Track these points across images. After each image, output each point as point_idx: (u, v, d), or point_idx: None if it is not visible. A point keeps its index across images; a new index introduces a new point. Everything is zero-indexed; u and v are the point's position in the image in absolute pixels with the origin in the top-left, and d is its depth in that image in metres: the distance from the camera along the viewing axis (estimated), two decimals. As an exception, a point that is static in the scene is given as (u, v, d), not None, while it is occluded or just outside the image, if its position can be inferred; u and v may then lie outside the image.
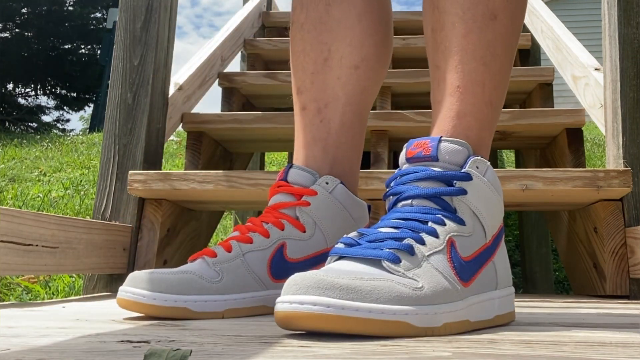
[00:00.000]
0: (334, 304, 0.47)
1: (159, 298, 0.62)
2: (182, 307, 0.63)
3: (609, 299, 1.05)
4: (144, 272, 0.65)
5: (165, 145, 1.41)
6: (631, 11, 1.17)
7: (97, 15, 14.45)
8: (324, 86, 0.78)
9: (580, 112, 1.43)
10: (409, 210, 0.58)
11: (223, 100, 1.90)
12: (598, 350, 0.45)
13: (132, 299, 0.63)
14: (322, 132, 0.77)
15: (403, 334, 0.50)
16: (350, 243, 0.56)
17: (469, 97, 0.64)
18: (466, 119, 0.64)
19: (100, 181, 1.22)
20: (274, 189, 0.75)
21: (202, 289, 0.65)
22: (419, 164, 0.61)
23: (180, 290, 0.63)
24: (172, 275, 0.65)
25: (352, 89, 0.79)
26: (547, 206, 1.31)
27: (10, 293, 1.47)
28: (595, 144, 4.12)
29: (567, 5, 7.75)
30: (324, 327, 0.48)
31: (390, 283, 0.50)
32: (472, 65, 0.65)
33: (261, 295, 0.69)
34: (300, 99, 0.80)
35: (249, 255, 0.69)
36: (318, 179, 0.74)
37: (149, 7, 1.31)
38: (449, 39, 0.66)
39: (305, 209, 0.72)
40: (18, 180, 3.27)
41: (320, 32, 0.79)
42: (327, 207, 0.73)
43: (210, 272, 0.66)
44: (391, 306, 0.49)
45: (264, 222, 0.72)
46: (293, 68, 0.81)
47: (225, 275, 0.67)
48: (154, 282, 0.63)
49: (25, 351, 0.42)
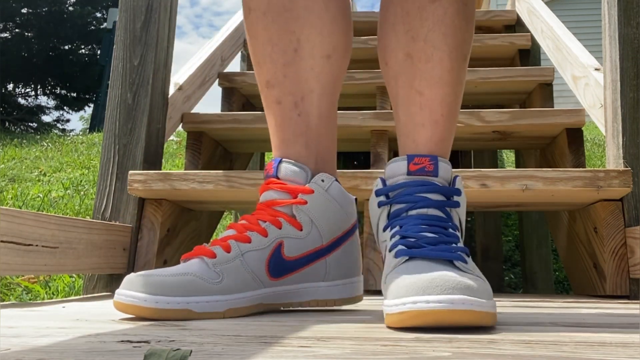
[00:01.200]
0: (474, 301, 0.54)
1: (161, 301, 0.62)
2: (184, 309, 0.63)
3: (609, 299, 1.05)
4: (140, 274, 0.64)
5: (165, 145, 1.41)
6: (631, 11, 1.17)
7: (97, 15, 14.45)
8: (297, 78, 0.76)
9: (580, 112, 1.43)
10: (429, 218, 0.66)
11: (223, 100, 1.90)
12: (598, 350, 0.45)
13: (131, 303, 0.62)
14: (301, 127, 0.77)
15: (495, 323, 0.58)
16: (410, 245, 0.64)
17: (448, 125, 0.74)
18: (446, 142, 0.74)
19: (100, 181, 1.22)
20: (265, 186, 0.75)
21: (204, 290, 0.65)
22: (422, 178, 0.69)
23: (182, 292, 0.63)
24: (172, 277, 0.64)
25: (325, 79, 0.78)
26: (547, 206, 1.31)
27: (10, 293, 1.47)
28: (595, 144, 4.11)
29: (567, 5, 7.75)
30: (460, 321, 0.54)
31: (482, 282, 0.58)
32: (452, 98, 0.74)
33: (259, 293, 0.69)
34: (272, 93, 0.77)
35: (248, 255, 0.69)
36: (312, 177, 0.74)
37: (149, 7, 1.31)
38: (436, 72, 0.73)
39: (302, 207, 0.73)
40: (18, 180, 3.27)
41: (287, 21, 0.76)
42: (324, 205, 0.74)
43: (210, 273, 0.66)
44: (493, 300, 0.58)
45: (261, 221, 0.72)
46: (258, 59, 0.78)
47: (226, 276, 0.67)
48: (153, 284, 0.63)
49: (25, 351, 0.42)
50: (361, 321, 0.64)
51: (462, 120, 1.44)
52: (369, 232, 1.17)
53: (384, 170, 0.74)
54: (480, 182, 1.10)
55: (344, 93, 1.90)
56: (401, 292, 0.56)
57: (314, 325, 0.59)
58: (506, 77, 1.77)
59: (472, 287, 0.55)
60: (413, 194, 0.68)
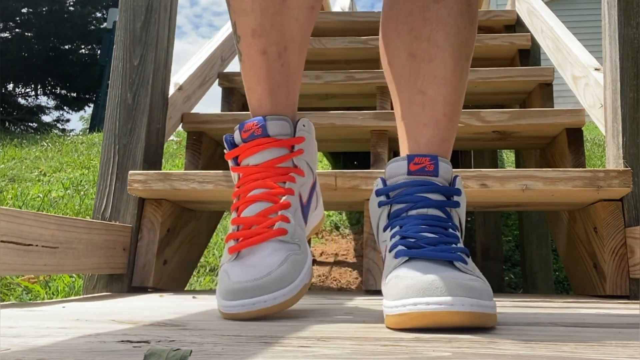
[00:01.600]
0: (474, 303, 0.54)
1: (291, 289, 0.65)
2: (303, 285, 0.68)
3: (609, 299, 1.05)
4: (240, 282, 0.63)
5: (165, 145, 1.41)
6: (631, 11, 1.17)
7: (97, 15, 14.45)
8: (282, 28, 0.75)
9: (580, 112, 1.43)
10: (429, 218, 0.66)
11: (223, 100, 1.90)
12: (598, 350, 0.45)
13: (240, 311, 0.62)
14: (283, 77, 0.77)
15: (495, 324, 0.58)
16: (410, 245, 0.64)
17: (450, 125, 0.74)
18: (448, 143, 0.75)
19: (100, 181, 1.22)
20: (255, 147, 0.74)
21: (301, 262, 0.69)
22: (422, 178, 0.69)
23: (295, 274, 0.67)
24: (279, 268, 0.65)
25: (306, 30, 0.78)
26: (547, 206, 1.31)
27: (10, 293, 1.47)
28: (595, 144, 4.12)
29: (567, 5, 7.75)
30: (461, 323, 0.54)
31: (482, 283, 0.58)
32: (455, 98, 0.74)
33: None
34: (258, 42, 0.75)
35: (297, 216, 0.73)
36: (295, 124, 0.76)
37: (148, 7, 1.31)
38: (439, 71, 0.73)
39: (300, 156, 0.76)
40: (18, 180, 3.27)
41: None
42: (311, 146, 0.79)
43: (293, 246, 0.69)
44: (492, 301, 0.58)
45: (280, 183, 0.73)
46: (245, 7, 0.76)
47: (300, 241, 0.71)
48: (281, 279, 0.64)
49: (25, 351, 0.42)
50: (361, 321, 0.65)
51: (462, 120, 1.44)
52: (369, 232, 1.17)
53: (384, 170, 0.75)
54: (480, 182, 1.10)
55: (344, 93, 1.91)
56: (401, 293, 0.57)
57: (314, 325, 0.59)
58: (506, 77, 1.77)
59: (473, 288, 0.55)
60: (413, 194, 0.68)
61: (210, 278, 2.13)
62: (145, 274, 1.16)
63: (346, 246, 2.68)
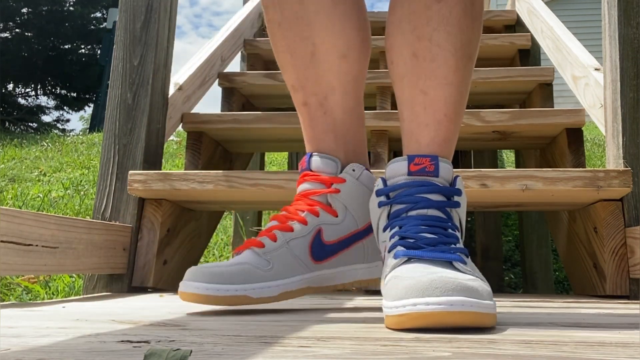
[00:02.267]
0: (473, 303, 0.54)
1: (221, 289, 0.69)
2: (243, 295, 0.70)
3: (609, 299, 1.05)
4: (201, 266, 0.72)
5: (165, 145, 1.41)
6: (631, 11, 1.17)
7: (97, 15, 14.45)
8: (318, 79, 0.81)
9: (580, 112, 1.43)
10: (429, 219, 0.66)
11: (223, 100, 1.90)
12: (598, 350, 0.45)
13: (195, 292, 0.69)
14: (328, 124, 0.82)
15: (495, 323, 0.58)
16: (409, 246, 0.64)
17: (452, 126, 0.74)
18: (450, 143, 0.74)
19: (100, 181, 1.22)
20: (300, 179, 0.82)
21: (258, 278, 0.72)
22: (422, 178, 0.69)
23: (239, 280, 0.70)
24: (230, 267, 0.71)
25: (345, 78, 0.82)
26: (547, 206, 1.31)
27: (10, 293, 1.47)
28: (595, 144, 4.11)
29: (567, 5, 7.75)
30: (461, 323, 0.54)
31: (480, 283, 0.58)
32: (457, 97, 0.74)
33: (307, 277, 0.77)
34: (298, 96, 0.83)
35: (292, 243, 0.76)
36: (343, 167, 0.80)
37: (148, 7, 1.31)
38: (440, 71, 0.73)
39: (336, 195, 0.79)
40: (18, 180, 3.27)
41: (301, 28, 0.81)
42: (356, 193, 0.80)
43: (261, 261, 0.73)
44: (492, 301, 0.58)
45: (300, 211, 0.78)
46: (282, 66, 0.84)
47: (275, 263, 0.74)
48: (214, 274, 0.70)
49: (25, 351, 0.42)
50: (361, 321, 0.65)
51: (462, 120, 1.44)
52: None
53: (384, 170, 0.75)
54: (480, 182, 1.10)
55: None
56: (400, 293, 0.57)
57: (314, 325, 0.59)
58: (506, 77, 1.77)
59: (472, 288, 0.55)
60: (413, 194, 0.68)
61: (210, 278, 2.12)
62: (145, 274, 1.16)
63: (346, 246, 2.68)
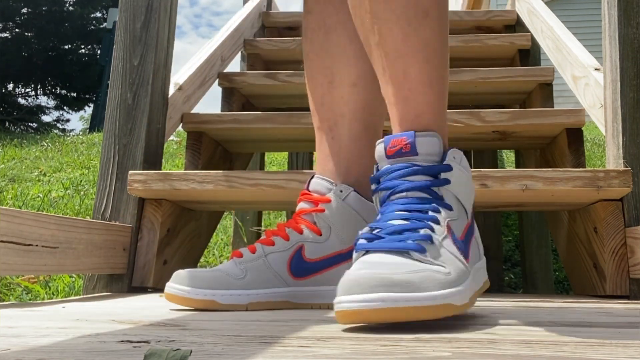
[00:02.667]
0: (397, 298, 0.52)
1: (192, 292, 0.75)
2: (210, 300, 0.75)
3: (609, 299, 1.05)
4: (186, 270, 0.77)
5: (165, 145, 1.41)
6: (631, 11, 1.17)
7: (97, 15, 14.45)
8: (332, 106, 0.87)
9: (580, 112, 1.43)
10: (408, 202, 0.63)
11: (223, 101, 1.90)
12: (598, 350, 0.45)
13: (174, 293, 0.76)
14: (334, 148, 0.87)
15: (448, 314, 0.56)
16: (371, 237, 0.62)
17: (423, 98, 0.68)
18: (425, 116, 0.68)
19: (100, 181, 1.22)
20: (299, 198, 0.86)
21: (228, 285, 0.76)
22: (401, 160, 0.66)
23: (209, 286, 0.75)
24: (208, 273, 0.77)
25: (354, 106, 0.87)
26: (547, 206, 1.31)
27: (10, 293, 1.47)
28: (595, 144, 4.11)
29: (567, 5, 7.75)
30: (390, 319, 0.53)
31: (430, 273, 0.56)
32: (417, 67, 0.68)
33: (284, 291, 0.79)
34: (315, 119, 0.90)
35: (271, 256, 0.79)
36: (334, 188, 0.83)
37: (149, 7, 1.31)
38: (388, 45, 0.68)
39: (320, 214, 0.82)
40: (18, 180, 3.27)
41: (323, 58, 0.88)
42: (341, 213, 0.81)
43: (236, 270, 0.78)
44: (441, 291, 0.55)
45: (286, 227, 0.82)
46: (308, 91, 0.91)
47: (249, 273, 0.78)
48: (193, 279, 0.76)
49: (25, 351, 0.42)
50: (361, 321, 0.64)
51: (462, 120, 1.44)
52: (369, 232, 1.17)
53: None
54: (480, 182, 1.10)
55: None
56: (337, 290, 0.55)
57: (314, 325, 0.59)
58: (506, 77, 1.77)
59: (402, 283, 0.53)
60: (392, 179, 0.65)
61: (210, 278, 2.12)
62: (145, 274, 1.16)
63: (346, 246, 2.68)
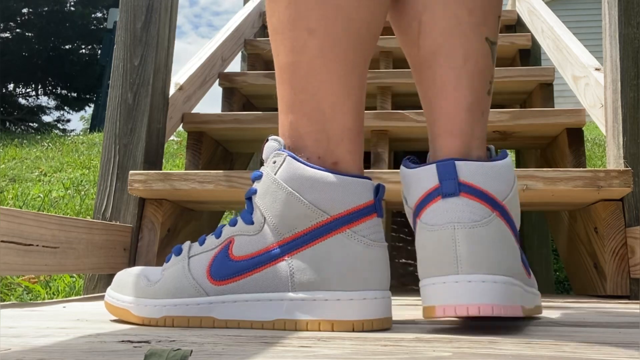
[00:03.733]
0: (112, 295, 0.63)
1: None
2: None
3: (609, 299, 1.05)
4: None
5: (165, 146, 1.41)
6: (631, 11, 1.17)
7: (97, 15, 14.46)
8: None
9: (581, 112, 1.43)
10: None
11: (223, 101, 1.90)
12: (598, 350, 0.45)
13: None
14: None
15: (127, 319, 0.61)
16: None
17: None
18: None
19: (101, 181, 1.23)
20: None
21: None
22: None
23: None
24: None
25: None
26: (547, 206, 1.31)
27: (11, 293, 1.47)
28: (596, 144, 4.11)
29: (567, 5, 7.75)
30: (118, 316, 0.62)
31: (137, 278, 0.62)
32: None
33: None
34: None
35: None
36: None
37: (149, 7, 1.31)
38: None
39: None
40: (18, 180, 3.27)
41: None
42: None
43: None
44: (122, 295, 0.62)
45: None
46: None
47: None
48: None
49: (26, 351, 0.42)
50: (361, 321, 0.64)
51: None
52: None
53: (384, 170, 0.74)
54: (481, 182, 1.10)
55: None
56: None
57: (315, 325, 0.59)
58: (506, 77, 1.77)
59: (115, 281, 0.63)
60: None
61: (211, 278, 2.12)
62: (145, 274, 1.16)
63: (346, 246, 2.68)
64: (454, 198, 0.56)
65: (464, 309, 0.53)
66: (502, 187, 0.58)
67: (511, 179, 0.60)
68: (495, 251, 0.55)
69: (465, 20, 0.61)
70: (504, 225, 0.57)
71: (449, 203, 0.56)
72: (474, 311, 0.53)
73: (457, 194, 0.56)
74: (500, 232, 0.56)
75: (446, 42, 0.61)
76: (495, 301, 0.53)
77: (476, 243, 0.55)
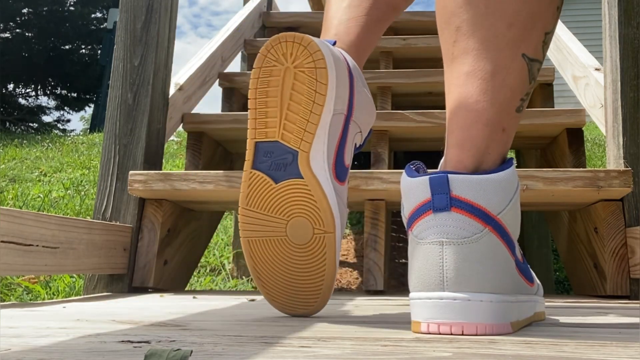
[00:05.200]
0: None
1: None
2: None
3: (609, 299, 1.05)
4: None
5: (165, 146, 1.41)
6: (631, 11, 1.17)
7: (97, 15, 14.45)
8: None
9: (581, 112, 1.43)
10: None
11: (223, 101, 1.90)
12: (598, 350, 0.45)
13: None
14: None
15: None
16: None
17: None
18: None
19: (101, 181, 1.23)
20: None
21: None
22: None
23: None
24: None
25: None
26: (547, 206, 1.31)
27: (11, 293, 1.47)
28: (596, 144, 4.11)
29: (567, 5, 7.75)
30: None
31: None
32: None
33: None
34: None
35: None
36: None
37: (149, 7, 1.31)
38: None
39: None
40: (18, 180, 3.27)
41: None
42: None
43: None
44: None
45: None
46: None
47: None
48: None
49: (26, 351, 0.42)
50: (361, 321, 0.65)
51: (462, 120, 1.44)
52: (369, 233, 1.17)
53: (384, 170, 0.73)
54: (481, 182, 1.10)
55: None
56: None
57: (315, 325, 0.59)
58: (506, 77, 1.76)
59: None
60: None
61: (211, 278, 2.13)
62: (145, 274, 1.16)
63: (346, 246, 2.68)
64: (444, 213, 0.55)
65: (447, 327, 0.53)
66: (499, 199, 0.56)
67: (511, 189, 0.58)
68: (485, 268, 0.54)
69: (501, 33, 0.59)
70: (496, 239, 0.55)
71: (439, 218, 0.55)
72: (457, 330, 0.52)
73: (448, 209, 0.55)
74: (492, 248, 0.55)
75: (479, 53, 0.59)
76: (480, 320, 0.53)
77: (464, 260, 0.53)
